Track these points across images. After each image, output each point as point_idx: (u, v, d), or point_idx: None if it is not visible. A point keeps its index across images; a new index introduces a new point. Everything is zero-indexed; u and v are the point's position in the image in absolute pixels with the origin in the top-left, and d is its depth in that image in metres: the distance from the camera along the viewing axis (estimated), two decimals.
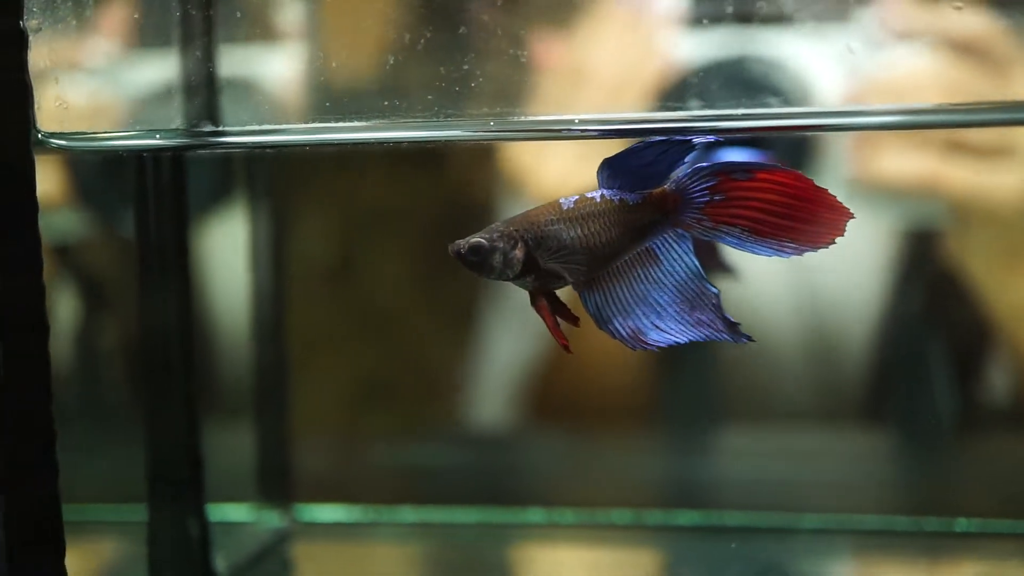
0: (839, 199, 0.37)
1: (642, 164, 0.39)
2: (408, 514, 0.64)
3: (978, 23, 0.55)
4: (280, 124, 0.50)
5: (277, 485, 0.64)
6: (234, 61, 0.50)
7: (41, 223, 0.42)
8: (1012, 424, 0.68)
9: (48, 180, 0.61)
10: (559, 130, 0.47)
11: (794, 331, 0.69)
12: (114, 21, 0.48)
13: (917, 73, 0.56)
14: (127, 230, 0.51)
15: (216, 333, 0.68)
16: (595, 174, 0.39)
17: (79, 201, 0.63)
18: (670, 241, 0.39)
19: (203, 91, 0.50)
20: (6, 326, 0.42)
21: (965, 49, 0.56)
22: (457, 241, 0.39)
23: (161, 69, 0.49)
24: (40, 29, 0.43)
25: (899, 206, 0.65)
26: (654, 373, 0.70)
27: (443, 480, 0.69)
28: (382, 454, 0.71)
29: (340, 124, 0.47)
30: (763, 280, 0.69)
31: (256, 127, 0.49)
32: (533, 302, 0.39)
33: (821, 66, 0.57)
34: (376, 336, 0.71)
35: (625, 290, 0.39)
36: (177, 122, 0.49)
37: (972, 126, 0.52)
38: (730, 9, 0.50)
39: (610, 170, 0.39)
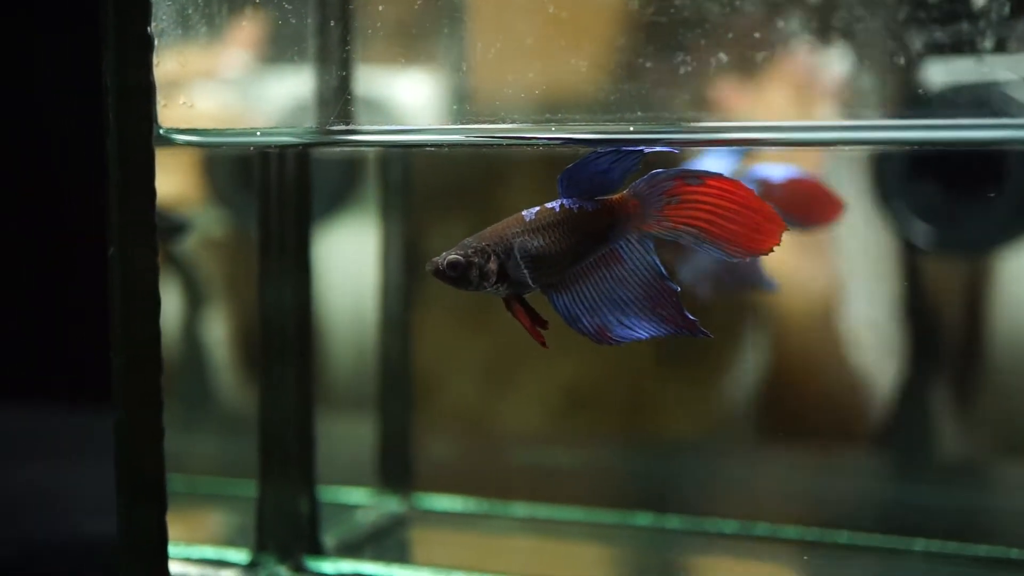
0: None
1: (597, 173, 0.42)
2: (520, 509, 0.66)
3: None
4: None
5: (397, 472, 0.67)
6: (368, 76, 0.54)
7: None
8: None
9: (182, 179, 0.66)
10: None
11: None
12: (247, 32, 0.52)
13: None
14: (252, 225, 0.55)
15: (345, 326, 0.72)
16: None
17: (211, 198, 0.68)
18: (632, 243, 0.42)
19: (334, 104, 0.54)
20: (123, 300, 0.46)
21: None
22: (434, 259, 0.42)
23: (293, 83, 0.53)
24: (167, 35, 0.47)
25: None
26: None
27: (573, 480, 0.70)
28: (505, 450, 0.73)
29: (467, 126, 0.49)
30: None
31: (379, 127, 0.52)
32: (508, 307, 0.43)
33: None
34: (501, 332, 0.73)
35: (591, 290, 0.42)
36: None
37: None
38: None
39: (568, 180, 0.42)
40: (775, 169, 0.53)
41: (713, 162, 0.54)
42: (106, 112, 0.45)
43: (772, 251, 0.40)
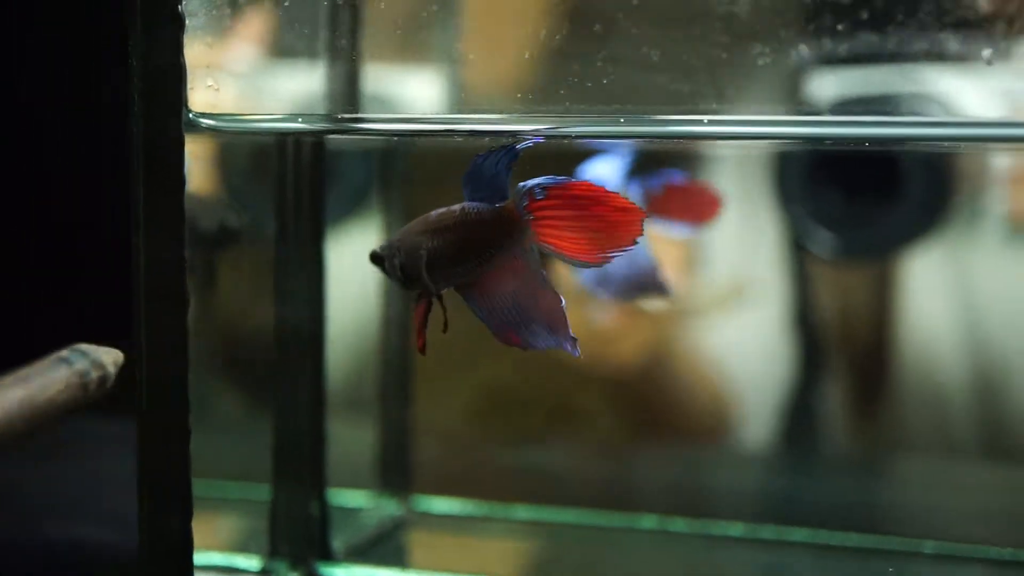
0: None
1: (489, 175, 0.40)
2: (521, 512, 0.64)
3: None
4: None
5: (396, 475, 0.65)
6: (375, 68, 0.52)
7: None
8: None
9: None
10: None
11: (962, 370, 0.69)
12: (260, 21, 0.50)
13: None
14: (266, 218, 0.53)
15: (346, 326, 0.70)
16: None
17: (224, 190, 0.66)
18: (526, 251, 0.40)
19: (347, 91, 0.53)
20: (148, 297, 0.44)
21: None
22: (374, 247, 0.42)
23: (306, 72, 0.51)
24: (197, 15, 0.45)
25: None
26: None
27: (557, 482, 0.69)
28: (501, 454, 0.72)
29: (478, 116, 0.48)
30: (930, 318, 0.68)
31: (395, 115, 0.51)
32: (416, 301, 0.41)
33: (977, 104, 0.58)
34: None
35: (499, 296, 0.41)
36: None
37: None
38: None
39: (469, 183, 0.41)
40: (654, 175, 0.54)
41: (601, 168, 0.54)
42: (132, 95, 0.43)
43: (636, 243, 0.39)
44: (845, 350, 0.71)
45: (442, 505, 0.65)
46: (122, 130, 0.43)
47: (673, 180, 0.55)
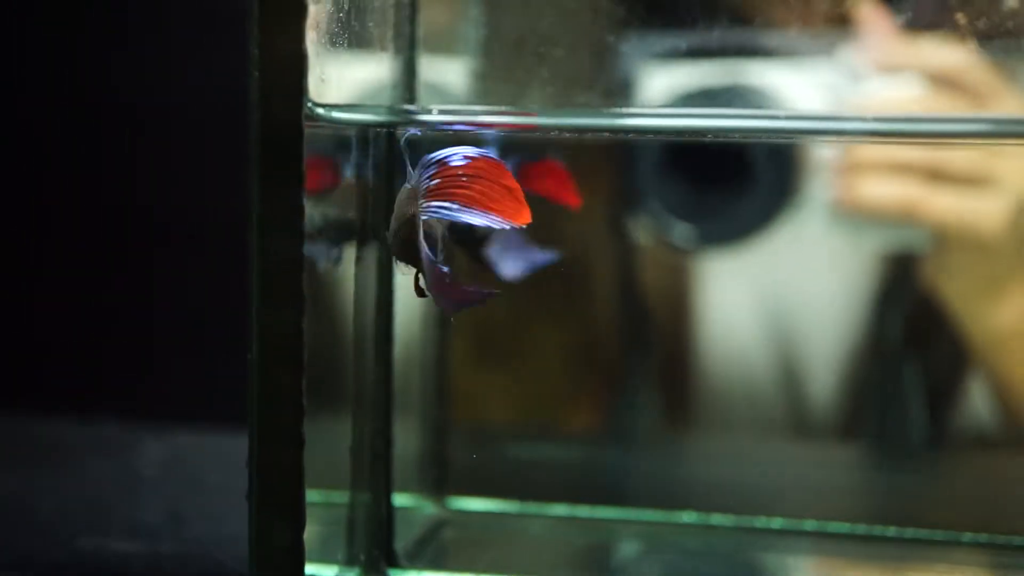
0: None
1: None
2: (558, 509, 0.64)
3: (957, 57, 0.58)
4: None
5: (432, 475, 0.63)
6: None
7: None
8: (983, 447, 0.73)
9: None
10: None
11: (766, 357, 0.71)
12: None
13: (896, 104, 0.62)
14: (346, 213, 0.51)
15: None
16: None
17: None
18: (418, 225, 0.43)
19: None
20: (263, 297, 0.42)
21: (944, 82, 0.59)
22: None
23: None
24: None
25: (880, 231, 0.68)
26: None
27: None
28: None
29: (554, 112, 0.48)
30: (734, 303, 0.71)
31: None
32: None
33: (804, 96, 0.63)
34: (541, 337, 0.71)
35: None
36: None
37: (948, 136, 0.54)
38: None
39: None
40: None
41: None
42: (251, 85, 0.41)
43: (530, 223, 0.42)
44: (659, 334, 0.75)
45: (479, 504, 0.64)
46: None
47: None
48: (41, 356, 1.02)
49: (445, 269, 0.43)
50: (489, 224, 0.42)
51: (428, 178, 0.42)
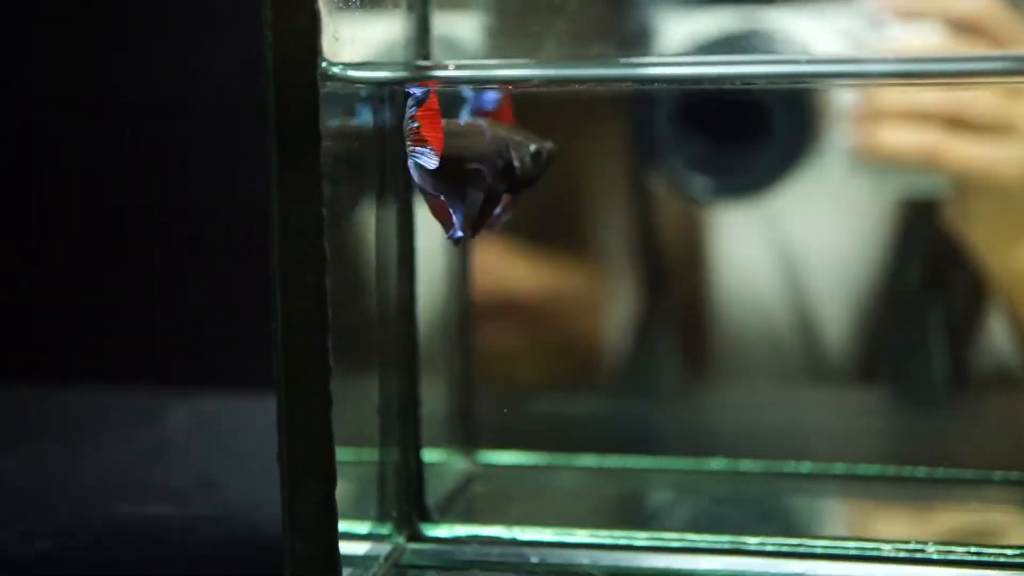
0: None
1: None
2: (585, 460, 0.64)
3: (976, 1, 0.58)
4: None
5: (461, 430, 0.64)
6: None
7: None
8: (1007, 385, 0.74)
9: None
10: None
11: (789, 305, 0.72)
12: None
13: (915, 50, 0.63)
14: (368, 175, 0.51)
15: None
16: None
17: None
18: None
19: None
20: (287, 258, 0.42)
21: (964, 27, 0.59)
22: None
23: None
24: None
25: (900, 178, 0.67)
26: None
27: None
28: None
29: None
30: (751, 246, 0.71)
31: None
32: None
33: (824, 43, 0.64)
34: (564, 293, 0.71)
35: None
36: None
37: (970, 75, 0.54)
38: None
39: None
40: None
41: None
42: (264, 46, 0.41)
43: None
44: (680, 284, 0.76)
45: (507, 458, 0.64)
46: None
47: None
48: (41, 356, 1.02)
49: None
50: None
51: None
